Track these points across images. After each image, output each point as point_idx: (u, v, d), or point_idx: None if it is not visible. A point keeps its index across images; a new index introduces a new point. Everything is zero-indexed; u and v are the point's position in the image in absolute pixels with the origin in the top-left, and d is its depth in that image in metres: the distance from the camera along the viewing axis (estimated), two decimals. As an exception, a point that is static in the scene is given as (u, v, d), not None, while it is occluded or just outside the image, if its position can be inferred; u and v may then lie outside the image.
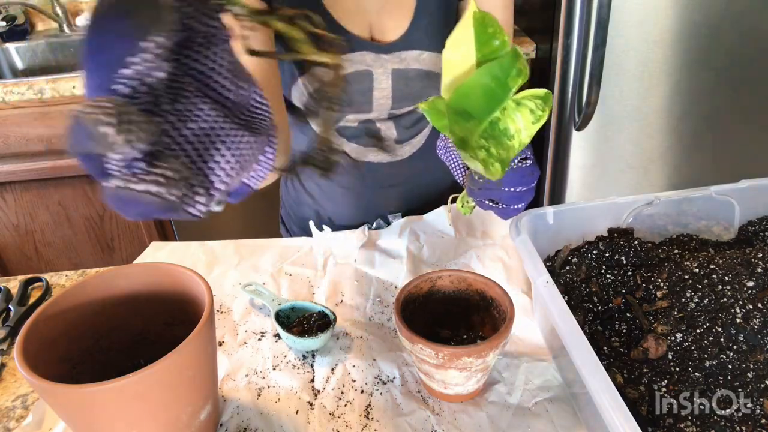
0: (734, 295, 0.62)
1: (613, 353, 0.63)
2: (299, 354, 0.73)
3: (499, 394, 0.65)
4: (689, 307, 0.63)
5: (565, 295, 0.69)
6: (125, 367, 0.61)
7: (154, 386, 0.50)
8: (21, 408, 0.67)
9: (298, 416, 0.64)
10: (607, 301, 0.67)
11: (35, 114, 1.63)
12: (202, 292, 0.57)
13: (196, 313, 0.56)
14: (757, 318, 0.60)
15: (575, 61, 1.48)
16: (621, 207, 0.77)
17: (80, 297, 0.59)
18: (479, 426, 0.62)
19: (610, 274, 0.70)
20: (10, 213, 1.82)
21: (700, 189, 0.77)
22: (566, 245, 0.76)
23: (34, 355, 0.52)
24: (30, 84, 1.58)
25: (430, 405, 0.65)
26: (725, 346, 0.59)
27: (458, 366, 0.59)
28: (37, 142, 1.67)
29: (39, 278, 0.88)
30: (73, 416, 0.51)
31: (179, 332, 0.55)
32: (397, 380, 0.68)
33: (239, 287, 0.84)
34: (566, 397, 0.65)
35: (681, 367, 0.59)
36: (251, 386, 0.69)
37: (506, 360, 0.69)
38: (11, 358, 0.74)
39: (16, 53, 1.99)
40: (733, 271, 0.65)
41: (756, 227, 0.78)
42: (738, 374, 0.57)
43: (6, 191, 1.78)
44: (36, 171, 1.72)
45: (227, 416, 0.65)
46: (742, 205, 0.78)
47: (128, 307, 0.62)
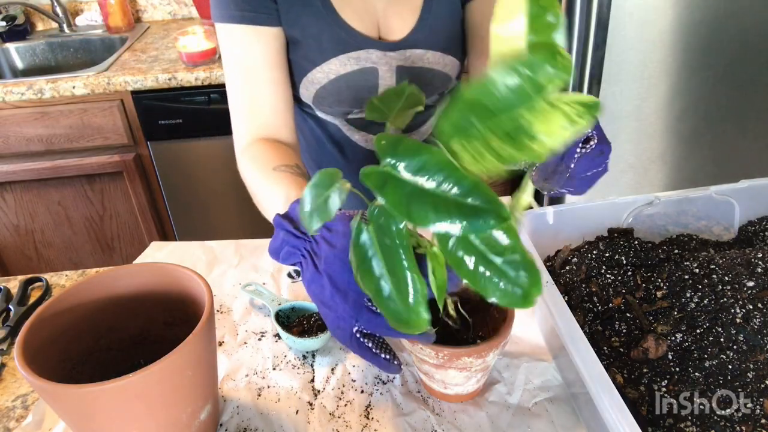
0: (734, 295, 0.62)
1: (613, 353, 0.63)
2: (299, 354, 0.73)
3: (499, 394, 0.65)
4: (689, 307, 0.63)
5: (565, 295, 0.69)
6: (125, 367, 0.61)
7: (154, 386, 0.50)
8: (21, 408, 0.67)
9: (298, 416, 0.64)
10: (607, 301, 0.67)
11: (35, 114, 1.63)
12: (202, 292, 0.57)
13: (196, 313, 0.56)
14: (757, 318, 0.60)
15: (575, 61, 1.48)
16: (621, 207, 0.77)
17: (80, 297, 0.59)
18: (479, 426, 0.62)
19: (610, 274, 0.70)
20: (10, 213, 1.82)
21: (700, 189, 0.77)
22: (566, 245, 0.76)
23: (34, 355, 0.52)
24: (30, 84, 1.58)
25: (430, 405, 0.65)
26: (725, 346, 0.59)
27: (458, 366, 0.59)
28: (37, 142, 1.67)
29: (39, 278, 0.88)
30: (73, 416, 0.51)
31: (179, 332, 0.55)
32: (397, 380, 0.68)
33: (239, 287, 0.84)
34: (566, 397, 0.65)
35: (681, 367, 0.59)
36: (251, 386, 0.69)
37: (506, 360, 0.69)
38: (11, 358, 0.74)
39: (16, 53, 1.99)
40: (733, 271, 0.65)
41: (756, 227, 0.78)
42: (738, 374, 0.57)
43: (6, 191, 1.78)
44: (36, 171, 1.72)
45: (227, 416, 0.65)
46: (742, 205, 0.78)
47: (128, 307, 0.62)
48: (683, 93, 1.54)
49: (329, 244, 0.53)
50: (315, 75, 0.84)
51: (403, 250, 0.45)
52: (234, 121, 0.85)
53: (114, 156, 1.72)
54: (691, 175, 1.67)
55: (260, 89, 0.81)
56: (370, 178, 0.44)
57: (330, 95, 0.86)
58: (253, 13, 0.78)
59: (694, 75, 1.51)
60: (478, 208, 0.41)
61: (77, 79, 1.59)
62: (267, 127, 0.83)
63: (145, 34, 1.96)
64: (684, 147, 1.62)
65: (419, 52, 0.85)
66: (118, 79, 1.59)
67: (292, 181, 0.70)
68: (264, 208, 0.74)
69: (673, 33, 1.45)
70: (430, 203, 0.42)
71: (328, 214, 0.47)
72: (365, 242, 0.46)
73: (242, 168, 0.81)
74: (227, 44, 0.80)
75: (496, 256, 0.43)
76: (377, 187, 0.43)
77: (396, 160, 0.43)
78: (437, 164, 0.42)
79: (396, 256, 0.45)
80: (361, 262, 0.46)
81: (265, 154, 0.78)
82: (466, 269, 0.44)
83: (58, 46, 2.01)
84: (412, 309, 0.44)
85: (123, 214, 1.85)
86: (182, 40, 1.61)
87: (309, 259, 0.55)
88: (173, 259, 0.86)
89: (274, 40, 0.80)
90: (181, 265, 0.61)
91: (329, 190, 0.47)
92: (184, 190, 1.82)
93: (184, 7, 2.11)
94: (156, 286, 0.62)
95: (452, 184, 0.41)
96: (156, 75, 1.59)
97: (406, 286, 0.45)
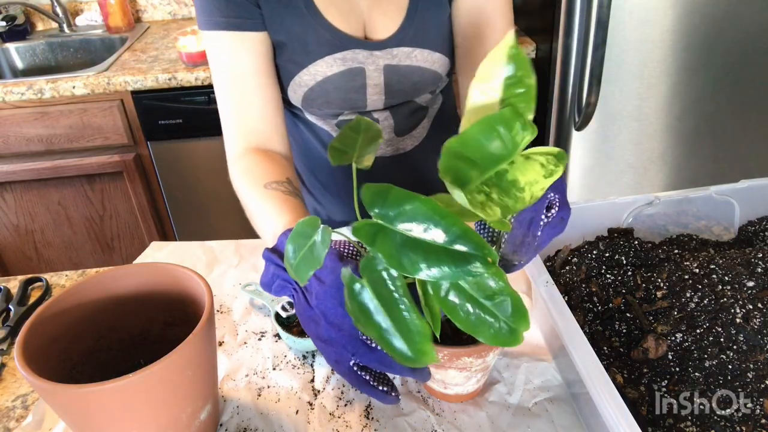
0: (734, 295, 0.62)
1: (613, 353, 0.63)
2: (299, 354, 0.73)
3: (499, 394, 0.65)
4: (689, 307, 0.63)
5: (565, 295, 0.69)
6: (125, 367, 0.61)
7: (155, 386, 0.50)
8: (21, 408, 0.67)
9: (298, 416, 0.64)
10: (607, 301, 0.67)
11: (35, 114, 1.63)
12: (202, 292, 0.57)
13: (196, 313, 0.56)
14: (757, 318, 0.60)
15: (575, 61, 1.48)
16: (621, 207, 0.77)
17: (80, 297, 0.59)
18: (479, 426, 0.62)
19: (610, 274, 0.70)
20: (10, 213, 1.82)
21: (700, 189, 0.77)
22: (566, 245, 0.76)
23: (34, 355, 0.52)
24: (30, 84, 1.58)
25: (430, 405, 0.65)
26: (725, 346, 0.59)
27: (458, 366, 0.59)
28: (37, 142, 1.67)
29: (39, 278, 0.88)
30: (73, 416, 0.51)
31: (179, 332, 0.55)
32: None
33: (239, 287, 0.84)
34: (566, 397, 0.65)
35: (681, 367, 0.59)
36: (251, 386, 0.69)
37: (506, 360, 0.69)
38: (11, 358, 0.74)
39: (16, 53, 1.99)
40: (733, 271, 0.65)
41: (756, 227, 0.78)
42: (738, 374, 0.57)
43: (6, 191, 1.78)
44: (36, 171, 1.72)
45: (227, 416, 0.65)
46: (742, 205, 0.78)
47: (128, 307, 0.62)
48: (683, 93, 1.53)
49: (319, 280, 0.53)
50: (302, 77, 0.84)
51: (400, 296, 0.46)
52: (224, 128, 0.84)
53: (114, 156, 1.72)
54: (691, 175, 1.67)
55: (249, 96, 0.81)
56: (360, 233, 0.45)
57: (318, 97, 0.86)
58: (238, 19, 0.77)
59: (694, 75, 1.51)
60: (467, 255, 0.43)
61: (77, 79, 1.59)
62: (257, 133, 0.83)
63: (145, 34, 1.96)
64: (684, 147, 1.62)
65: (406, 50, 0.85)
66: (118, 79, 1.59)
67: (283, 202, 0.70)
68: (255, 226, 0.74)
69: (673, 33, 1.45)
70: (421, 252, 0.44)
71: (317, 261, 0.48)
72: (361, 294, 0.47)
73: (234, 179, 0.81)
74: (214, 51, 0.80)
75: (487, 299, 0.46)
76: (369, 241, 0.45)
77: (385, 211, 0.45)
78: (425, 213, 0.44)
79: (394, 303, 0.46)
80: (361, 313, 0.47)
81: (256, 169, 0.77)
82: (458, 315, 0.46)
83: (58, 46, 2.01)
84: (419, 349, 0.46)
85: (123, 214, 1.85)
86: (182, 40, 1.61)
87: (300, 293, 0.55)
88: (173, 259, 0.86)
89: (261, 45, 0.80)
90: (181, 265, 0.61)
91: (311, 238, 0.48)
92: (184, 190, 1.82)
93: (184, 7, 2.11)
94: (156, 286, 0.62)
95: (441, 231, 0.44)
96: (156, 75, 1.59)
97: (408, 331, 0.46)
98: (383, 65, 0.85)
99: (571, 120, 1.57)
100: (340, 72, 0.84)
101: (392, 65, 0.85)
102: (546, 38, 1.57)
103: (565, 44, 1.48)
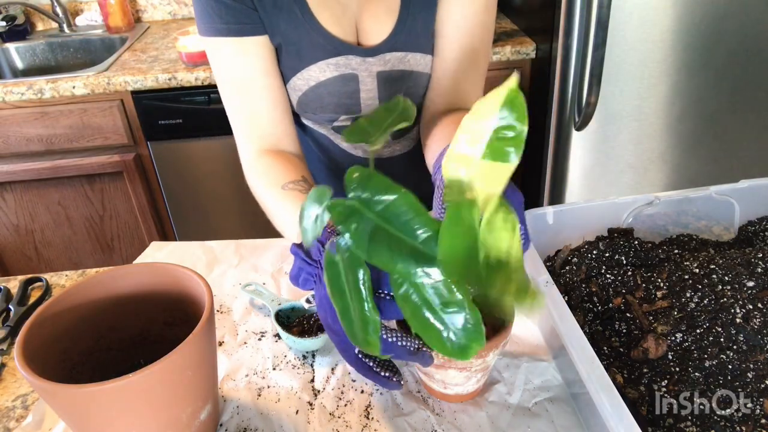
0: (734, 295, 0.62)
1: (613, 353, 0.63)
2: (299, 354, 0.73)
3: (499, 394, 0.65)
4: (689, 307, 0.63)
5: (565, 295, 0.69)
6: (125, 367, 0.61)
7: (154, 386, 0.50)
8: (21, 408, 0.67)
9: (298, 416, 0.64)
10: (607, 301, 0.67)
11: (35, 114, 1.63)
12: (202, 292, 0.57)
13: (196, 313, 0.56)
14: (757, 318, 0.60)
15: (575, 61, 1.48)
16: (621, 207, 0.77)
17: (80, 297, 0.59)
18: (479, 426, 0.62)
19: (610, 274, 0.70)
20: (10, 213, 1.82)
21: (700, 189, 0.77)
22: (566, 245, 0.76)
23: (34, 355, 0.52)
24: (30, 84, 1.58)
25: (430, 405, 0.65)
26: (725, 346, 0.59)
27: (458, 366, 0.59)
28: (37, 142, 1.67)
29: (39, 278, 0.88)
30: (73, 416, 0.51)
31: (179, 332, 0.55)
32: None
33: (239, 287, 0.84)
34: (566, 397, 0.65)
35: (681, 367, 0.59)
36: (251, 386, 0.69)
37: (506, 360, 0.69)
38: (11, 358, 0.74)
39: (16, 53, 1.99)
40: (733, 271, 0.65)
41: (756, 227, 0.78)
42: (738, 374, 0.57)
43: (6, 191, 1.78)
44: (36, 171, 1.72)
45: (227, 416, 0.65)
46: (742, 205, 0.78)
47: (128, 307, 0.62)
48: (683, 93, 1.54)
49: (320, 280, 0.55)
50: (296, 82, 0.84)
51: (363, 287, 0.47)
52: (235, 133, 0.85)
53: (114, 156, 1.72)
54: (691, 175, 1.67)
55: (256, 100, 0.81)
56: (335, 210, 0.45)
57: (312, 102, 0.86)
58: (238, 24, 0.77)
59: (694, 75, 1.51)
60: (431, 258, 0.43)
61: (77, 79, 1.59)
62: (268, 137, 0.83)
63: (145, 34, 1.96)
64: (684, 147, 1.62)
65: (399, 55, 0.84)
66: (118, 79, 1.59)
67: (301, 200, 0.71)
68: (277, 226, 0.77)
69: (673, 33, 1.45)
70: (388, 243, 0.43)
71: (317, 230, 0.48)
72: (338, 263, 0.48)
73: (252, 184, 0.82)
74: (217, 58, 0.80)
75: (441, 307, 0.45)
76: (340, 220, 0.45)
77: (364, 195, 0.44)
78: (405, 205, 0.44)
79: (357, 288, 0.47)
80: (335, 280, 0.48)
81: (272, 171, 0.79)
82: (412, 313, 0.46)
83: (58, 46, 2.01)
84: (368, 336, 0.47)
85: (123, 214, 1.85)
86: (182, 40, 1.61)
87: (322, 286, 0.56)
88: (173, 259, 0.86)
89: (263, 49, 0.80)
90: (181, 265, 0.61)
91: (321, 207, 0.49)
92: (184, 190, 1.82)
93: (184, 7, 2.11)
94: (156, 286, 0.62)
95: (417, 227, 0.43)
96: (156, 75, 1.59)
97: (365, 316, 0.47)
98: (376, 72, 0.85)
99: (571, 120, 1.57)
100: (333, 77, 0.84)
101: (385, 72, 0.85)
102: (546, 38, 1.57)
103: (565, 44, 1.48)
